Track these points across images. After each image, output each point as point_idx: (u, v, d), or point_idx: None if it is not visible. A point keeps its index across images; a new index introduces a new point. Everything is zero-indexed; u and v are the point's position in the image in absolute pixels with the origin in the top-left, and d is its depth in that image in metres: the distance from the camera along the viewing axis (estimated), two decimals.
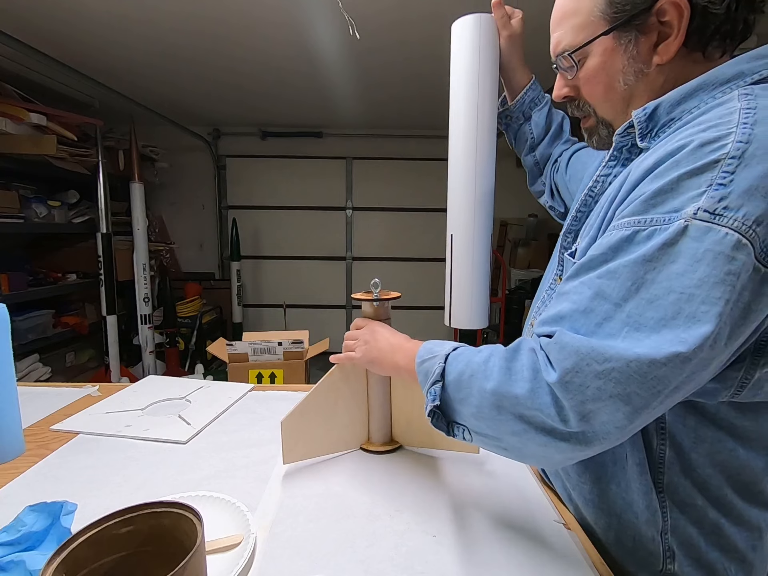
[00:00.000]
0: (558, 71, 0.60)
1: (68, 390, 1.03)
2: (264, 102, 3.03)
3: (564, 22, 0.56)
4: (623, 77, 0.53)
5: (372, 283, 0.75)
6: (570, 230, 0.63)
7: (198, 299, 3.38)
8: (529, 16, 0.73)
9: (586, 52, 0.54)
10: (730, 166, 0.39)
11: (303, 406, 0.71)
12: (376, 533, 0.57)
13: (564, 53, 0.56)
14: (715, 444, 0.50)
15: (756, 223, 0.38)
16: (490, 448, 0.52)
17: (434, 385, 0.53)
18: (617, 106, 0.56)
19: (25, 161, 2.22)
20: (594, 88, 0.56)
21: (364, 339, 0.71)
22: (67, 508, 0.50)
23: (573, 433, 0.43)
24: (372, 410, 0.79)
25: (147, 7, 1.72)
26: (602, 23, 0.52)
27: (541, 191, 0.93)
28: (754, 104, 0.42)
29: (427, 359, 0.56)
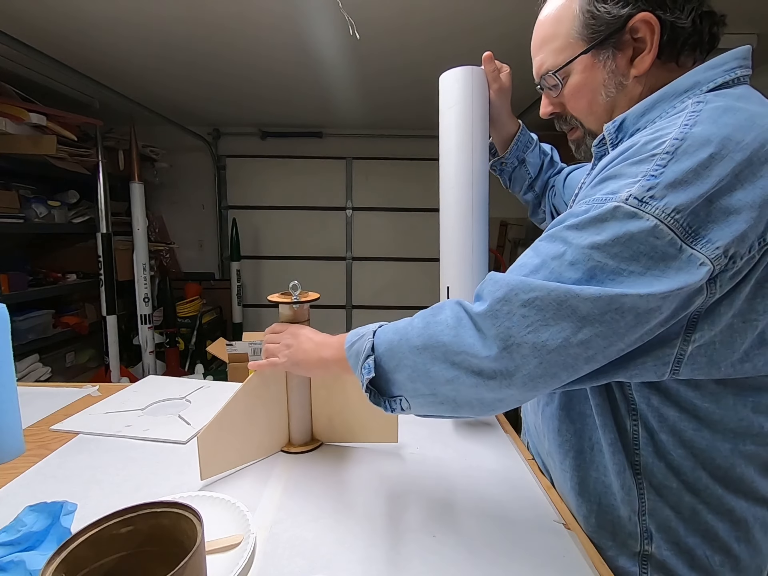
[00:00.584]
0: (543, 91, 0.66)
1: (68, 390, 1.03)
2: (264, 102, 3.03)
3: (544, 46, 0.61)
4: (605, 90, 0.58)
5: (291, 285, 0.74)
6: None
7: (198, 299, 3.38)
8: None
9: (568, 70, 0.59)
10: (663, 160, 0.44)
11: (220, 417, 0.68)
12: (376, 533, 0.57)
13: (548, 73, 0.61)
14: (678, 424, 0.52)
15: (675, 211, 0.42)
16: (427, 411, 0.54)
17: (367, 359, 0.54)
18: (601, 117, 0.61)
19: (25, 161, 2.22)
20: (578, 102, 0.61)
21: (285, 343, 0.70)
22: (67, 508, 0.50)
23: (498, 370, 0.46)
24: (292, 412, 0.78)
25: (147, 7, 1.72)
26: (580, 44, 0.58)
27: (542, 218, 0.99)
28: (700, 108, 0.47)
29: (355, 341, 0.58)
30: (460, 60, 0.74)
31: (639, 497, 0.54)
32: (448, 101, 0.80)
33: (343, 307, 3.95)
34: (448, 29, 1.90)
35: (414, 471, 0.72)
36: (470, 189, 0.79)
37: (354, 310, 3.95)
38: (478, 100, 0.79)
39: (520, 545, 0.55)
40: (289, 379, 0.77)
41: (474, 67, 0.79)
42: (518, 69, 0.90)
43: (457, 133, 0.79)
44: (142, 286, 2.84)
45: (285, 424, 0.79)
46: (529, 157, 0.92)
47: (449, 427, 0.86)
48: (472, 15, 1.77)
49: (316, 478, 0.69)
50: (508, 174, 0.96)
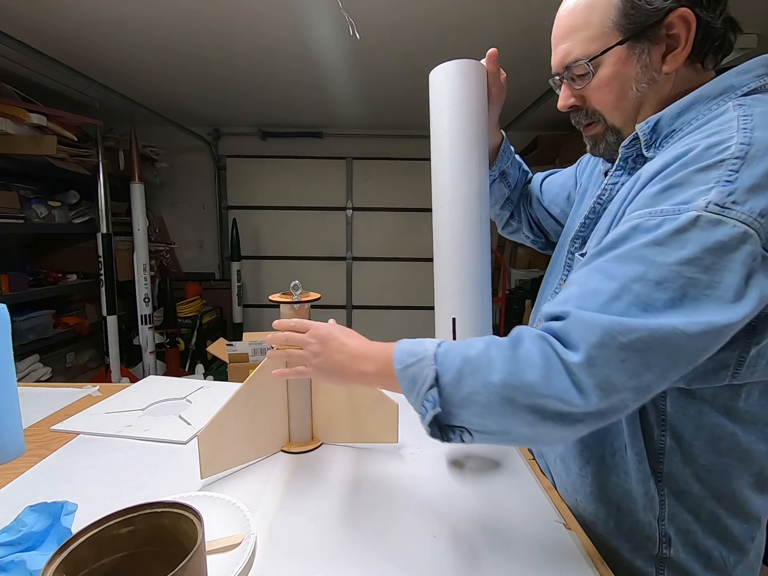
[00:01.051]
0: (562, 82, 0.62)
1: (68, 390, 1.03)
2: (264, 102, 3.03)
3: (573, 34, 0.57)
4: (636, 85, 0.56)
5: (292, 285, 0.74)
6: (578, 236, 0.66)
7: (198, 299, 3.38)
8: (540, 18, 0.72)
9: (600, 61, 0.56)
10: (734, 165, 0.43)
11: (220, 417, 0.68)
12: (377, 533, 0.57)
13: (576, 62, 0.57)
14: (716, 430, 0.52)
15: (760, 215, 0.41)
16: (491, 443, 0.51)
17: (430, 390, 0.48)
18: (628, 113, 0.59)
19: (26, 161, 2.22)
20: (606, 95, 0.58)
21: (313, 351, 0.62)
22: (68, 508, 0.50)
23: (590, 413, 0.43)
24: (292, 412, 0.78)
25: (147, 7, 1.72)
26: (616, 34, 0.55)
27: (515, 229, 0.95)
28: (750, 111, 0.47)
29: (410, 364, 0.51)
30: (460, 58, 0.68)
31: (660, 504, 0.54)
32: (444, 101, 0.68)
33: (344, 307, 3.95)
34: (449, 29, 1.90)
35: (414, 471, 0.72)
36: (477, 206, 0.68)
37: (354, 310, 3.95)
38: (481, 100, 0.69)
39: (520, 545, 0.55)
40: (289, 379, 0.77)
41: (474, 60, 0.68)
42: (519, 69, 0.89)
43: (458, 139, 0.67)
44: (143, 286, 2.84)
45: (285, 424, 0.79)
46: (509, 168, 0.87)
47: None
48: (473, 15, 1.77)
49: (316, 478, 0.69)
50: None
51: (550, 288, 0.73)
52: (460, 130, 0.66)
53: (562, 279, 0.69)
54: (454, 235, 0.68)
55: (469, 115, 0.67)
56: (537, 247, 0.94)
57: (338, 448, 0.79)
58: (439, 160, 0.69)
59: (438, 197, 0.69)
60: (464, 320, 0.66)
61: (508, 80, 0.76)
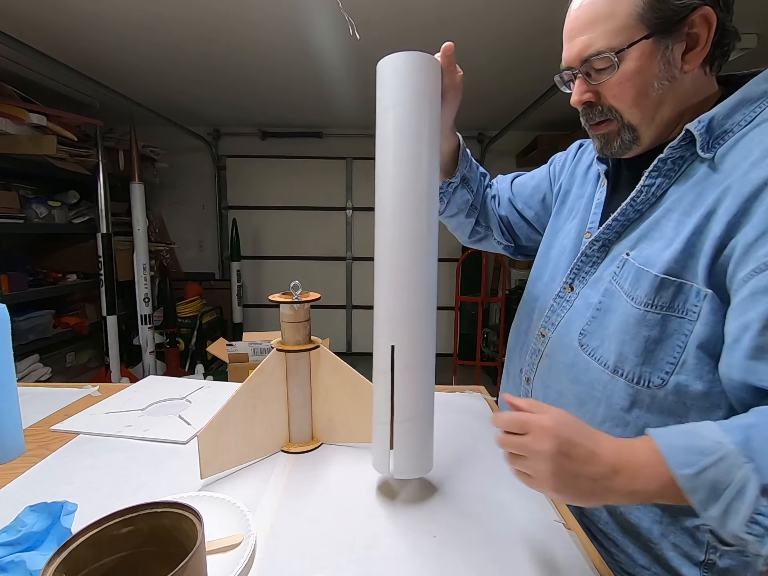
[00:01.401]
0: (575, 77, 0.60)
1: (68, 390, 1.03)
2: (264, 102, 3.03)
3: (595, 25, 0.55)
4: (657, 81, 0.55)
5: (292, 285, 0.74)
6: (599, 238, 0.64)
7: (198, 299, 3.38)
8: (539, 17, 0.72)
9: (623, 55, 0.55)
10: None
11: (220, 417, 0.67)
12: (376, 533, 0.57)
13: (600, 55, 0.55)
14: None
15: None
16: None
17: (757, 503, 0.37)
18: (647, 110, 0.57)
19: (25, 161, 2.22)
20: (626, 91, 0.57)
21: (550, 460, 0.44)
22: (67, 508, 0.50)
23: None
24: (293, 412, 0.78)
25: (147, 8, 1.72)
26: (641, 27, 0.53)
27: (482, 236, 0.91)
28: None
29: (704, 469, 0.40)
30: (459, 58, 0.65)
31: None
32: (389, 97, 0.58)
33: (344, 307, 3.95)
34: (448, 28, 1.90)
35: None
36: (424, 219, 0.58)
37: (354, 310, 3.95)
38: (433, 99, 0.60)
39: (520, 545, 0.55)
40: (289, 379, 0.77)
41: (426, 54, 0.59)
42: (519, 66, 0.88)
43: (402, 142, 0.58)
44: (142, 286, 2.84)
45: (285, 424, 0.79)
46: (470, 173, 0.82)
47: (448, 428, 0.86)
48: (473, 15, 1.77)
49: (316, 478, 0.69)
50: (448, 197, 0.82)
51: (548, 290, 0.72)
52: (405, 132, 0.58)
53: (567, 284, 0.68)
54: (395, 252, 0.59)
55: (418, 115, 0.58)
56: (508, 252, 0.92)
57: (338, 448, 0.79)
58: (382, 166, 0.59)
59: (379, 208, 0.60)
60: (403, 348, 0.59)
61: (510, 80, 0.75)
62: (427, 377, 0.61)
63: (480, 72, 2.36)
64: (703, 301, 0.52)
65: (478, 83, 2.55)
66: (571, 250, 0.71)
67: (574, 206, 0.75)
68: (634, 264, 0.58)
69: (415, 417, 0.61)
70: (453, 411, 0.93)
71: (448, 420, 0.89)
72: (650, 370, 0.56)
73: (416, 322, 0.59)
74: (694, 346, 0.53)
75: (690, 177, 0.56)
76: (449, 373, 3.27)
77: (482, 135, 3.79)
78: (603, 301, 0.61)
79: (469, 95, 2.82)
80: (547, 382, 0.69)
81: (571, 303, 0.67)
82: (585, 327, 0.63)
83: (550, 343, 0.69)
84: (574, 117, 0.70)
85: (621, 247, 0.61)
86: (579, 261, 0.67)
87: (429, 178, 0.59)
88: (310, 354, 0.76)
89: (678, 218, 0.55)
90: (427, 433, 0.63)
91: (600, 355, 0.61)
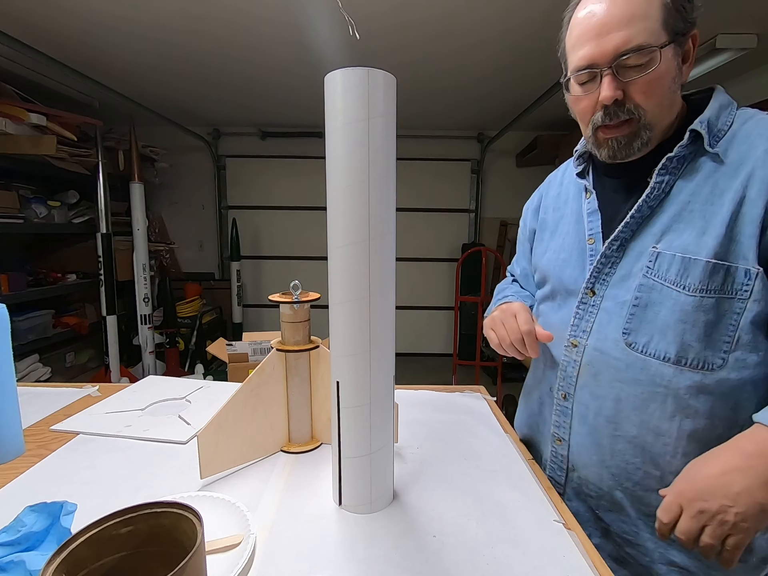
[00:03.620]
0: (604, 74, 0.60)
1: (68, 390, 1.03)
2: (264, 102, 3.03)
3: (633, 22, 0.57)
4: (674, 85, 0.60)
5: (292, 285, 0.74)
6: (618, 237, 0.65)
7: (198, 299, 3.38)
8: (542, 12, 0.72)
9: (661, 54, 0.57)
10: None
11: (220, 417, 0.67)
12: (377, 533, 0.57)
13: (642, 50, 0.57)
14: None
15: None
16: None
17: None
18: (665, 111, 0.62)
19: (25, 161, 2.22)
20: (654, 90, 0.59)
21: (742, 524, 0.48)
22: (67, 508, 0.50)
23: None
24: (292, 412, 0.78)
25: (147, 7, 1.72)
26: (663, 33, 0.57)
27: None
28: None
29: None
30: (459, 57, 0.67)
31: None
32: (342, 114, 0.53)
33: None
34: (448, 27, 1.90)
35: (414, 471, 0.72)
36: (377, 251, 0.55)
37: None
38: (387, 121, 0.54)
39: (520, 545, 0.55)
40: (289, 379, 0.77)
41: (381, 71, 0.52)
42: (519, 69, 0.88)
43: (354, 168, 0.53)
44: (142, 286, 2.84)
45: (285, 424, 0.79)
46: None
47: (449, 428, 0.86)
48: (471, 12, 1.77)
49: (316, 478, 0.69)
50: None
51: (564, 304, 0.72)
52: (355, 155, 0.52)
53: (588, 288, 0.68)
54: (344, 287, 0.56)
55: (372, 137, 0.52)
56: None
57: None
58: (333, 190, 0.55)
59: (331, 234, 0.56)
60: (348, 384, 0.58)
61: (509, 80, 0.76)
62: (375, 414, 0.59)
63: (480, 71, 2.36)
64: (754, 280, 0.56)
65: (478, 82, 2.55)
66: (577, 258, 0.72)
67: (557, 227, 0.78)
68: (674, 254, 0.60)
69: (362, 455, 0.60)
70: (453, 411, 0.93)
71: (448, 420, 0.89)
72: (711, 353, 0.58)
73: (361, 360, 0.57)
74: (748, 322, 0.57)
75: (697, 171, 0.60)
76: (449, 373, 3.27)
77: (482, 135, 3.79)
78: (640, 297, 0.62)
79: (469, 95, 2.83)
80: (597, 392, 0.67)
81: (598, 306, 0.67)
82: (627, 326, 0.63)
83: (587, 351, 0.68)
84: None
85: (641, 243, 0.63)
86: (599, 263, 0.67)
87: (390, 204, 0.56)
88: (309, 354, 0.76)
89: (701, 208, 0.59)
90: (375, 471, 0.61)
91: (655, 349, 0.61)
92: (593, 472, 0.68)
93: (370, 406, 0.59)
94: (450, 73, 2.40)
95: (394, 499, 0.64)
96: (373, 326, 0.56)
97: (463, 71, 2.37)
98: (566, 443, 0.72)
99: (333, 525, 0.59)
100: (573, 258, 0.72)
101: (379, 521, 0.59)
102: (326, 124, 0.55)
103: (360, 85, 0.51)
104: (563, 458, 0.73)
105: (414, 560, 0.52)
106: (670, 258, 0.60)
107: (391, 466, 0.64)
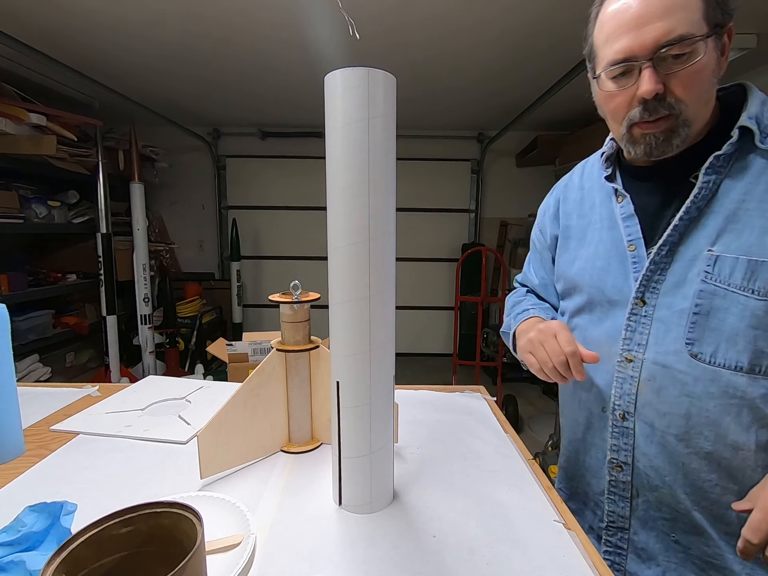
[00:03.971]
0: (643, 67, 0.57)
1: (68, 390, 1.03)
2: (264, 102, 3.03)
3: (673, 13, 0.54)
4: (714, 78, 0.58)
5: (292, 285, 0.74)
6: (667, 241, 0.62)
7: (198, 299, 3.38)
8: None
9: (701, 46, 0.55)
10: None
11: (220, 417, 0.67)
12: (377, 533, 0.57)
13: (685, 40, 0.54)
14: None
15: None
16: None
17: None
18: (703, 106, 0.59)
19: (25, 161, 2.22)
20: (696, 83, 0.56)
21: None
22: (67, 508, 0.50)
23: None
24: (292, 412, 0.78)
25: (147, 7, 1.72)
26: (704, 24, 0.55)
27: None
28: None
29: None
30: (459, 57, 0.66)
31: None
32: (342, 114, 0.53)
33: None
34: (448, 28, 1.90)
35: (414, 471, 0.72)
36: (378, 251, 0.55)
37: None
38: (388, 121, 0.54)
39: (520, 545, 0.55)
40: (289, 379, 0.77)
41: (382, 71, 0.52)
42: (520, 69, 0.88)
43: (351, 166, 0.53)
44: (142, 286, 2.84)
45: (285, 423, 0.79)
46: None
47: (449, 427, 0.86)
48: (471, 13, 1.77)
49: (316, 478, 0.69)
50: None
51: (616, 307, 0.67)
52: (355, 155, 0.53)
53: (638, 297, 0.64)
54: (344, 288, 0.56)
55: (372, 137, 0.52)
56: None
57: None
58: (332, 190, 0.56)
59: (331, 234, 0.57)
60: (347, 384, 0.58)
61: (509, 80, 0.75)
62: (375, 414, 0.59)
63: (480, 71, 2.36)
64: None
65: (478, 83, 2.55)
66: (618, 266, 0.68)
67: (585, 235, 0.74)
68: (737, 257, 0.56)
69: (362, 455, 0.59)
70: (453, 411, 0.93)
71: (448, 420, 0.89)
72: None
73: (360, 361, 0.57)
74: None
75: (746, 169, 0.58)
76: (449, 373, 3.27)
77: (482, 135, 3.79)
78: (701, 304, 0.58)
79: (469, 95, 2.83)
80: (662, 409, 0.62)
81: (651, 317, 0.63)
82: (690, 336, 0.59)
83: (645, 365, 0.63)
84: (574, 117, 0.70)
85: (693, 247, 0.60)
86: (648, 271, 0.63)
87: (390, 206, 0.56)
88: (310, 354, 0.76)
89: (757, 206, 0.56)
90: (374, 471, 0.61)
91: (724, 359, 0.57)
92: (666, 493, 0.64)
93: (370, 406, 0.59)
94: (450, 73, 2.41)
95: (394, 499, 0.64)
96: (373, 326, 0.56)
97: (463, 72, 2.37)
98: (629, 468, 0.67)
99: (333, 525, 0.59)
100: (613, 266, 0.68)
101: (379, 521, 0.59)
102: (326, 124, 0.55)
103: (360, 85, 0.51)
104: (625, 485, 0.68)
105: (414, 560, 0.52)
106: (733, 261, 0.56)
107: (391, 466, 0.63)
